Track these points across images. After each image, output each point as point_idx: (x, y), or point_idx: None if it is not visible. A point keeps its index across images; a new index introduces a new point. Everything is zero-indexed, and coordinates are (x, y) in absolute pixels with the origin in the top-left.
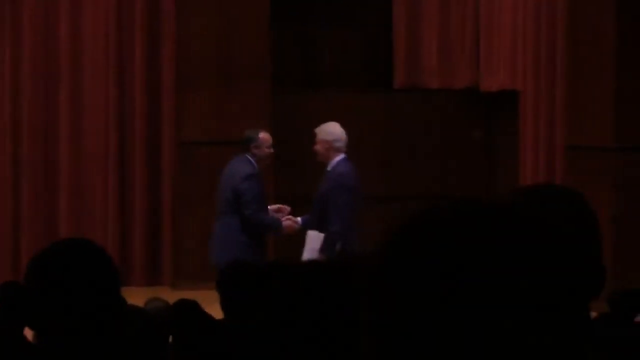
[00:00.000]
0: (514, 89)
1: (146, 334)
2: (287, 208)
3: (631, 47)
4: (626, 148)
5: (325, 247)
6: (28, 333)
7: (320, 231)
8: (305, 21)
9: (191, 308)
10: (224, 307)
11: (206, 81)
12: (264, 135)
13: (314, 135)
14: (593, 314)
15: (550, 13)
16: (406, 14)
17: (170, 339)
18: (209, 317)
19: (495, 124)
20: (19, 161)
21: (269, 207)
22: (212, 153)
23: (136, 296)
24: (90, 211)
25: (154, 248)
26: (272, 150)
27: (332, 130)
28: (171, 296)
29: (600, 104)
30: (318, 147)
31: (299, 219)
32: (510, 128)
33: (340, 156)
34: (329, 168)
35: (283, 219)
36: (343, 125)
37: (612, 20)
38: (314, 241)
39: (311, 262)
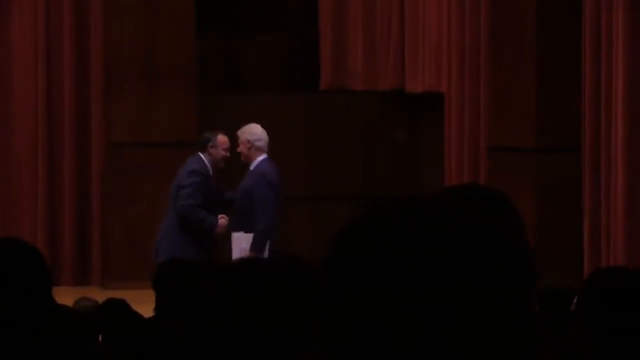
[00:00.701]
0: (439, 90)
1: (75, 333)
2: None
3: (552, 50)
4: (547, 149)
5: (255, 245)
6: None
7: (244, 230)
8: (231, 23)
9: (120, 307)
10: (158, 304)
11: (133, 83)
12: (221, 138)
13: (236, 137)
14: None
15: (474, 16)
16: (332, 15)
17: (100, 338)
18: (138, 316)
19: (419, 126)
20: None
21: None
22: (140, 154)
23: (65, 296)
24: (19, 211)
25: (83, 248)
26: (228, 153)
27: (253, 131)
28: (100, 296)
29: (522, 106)
30: (241, 148)
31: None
32: (435, 130)
33: (262, 156)
34: (251, 167)
35: (219, 217)
36: (267, 126)
37: (533, 23)
38: (240, 242)
39: (246, 261)
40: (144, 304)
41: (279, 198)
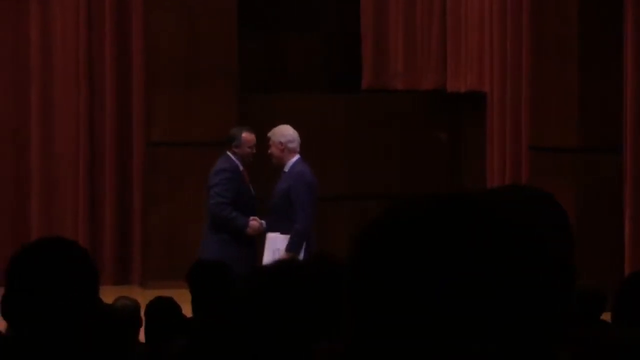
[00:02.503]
0: (481, 90)
1: (116, 332)
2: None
3: (594, 50)
4: (588, 149)
5: (292, 245)
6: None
7: (280, 231)
8: (273, 23)
9: (167, 306)
10: (194, 304)
11: (174, 83)
12: (246, 135)
13: (267, 139)
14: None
15: (516, 15)
16: (373, 15)
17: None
18: (183, 315)
19: (460, 126)
20: None
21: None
22: (180, 153)
23: (105, 295)
24: (61, 211)
25: (123, 247)
26: (253, 150)
27: (285, 132)
28: (140, 295)
29: (564, 106)
30: (273, 150)
31: (263, 221)
32: (476, 129)
33: (296, 157)
34: (285, 169)
35: (250, 218)
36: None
37: (575, 22)
38: (275, 242)
39: (284, 263)
40: (184, 304)
41: (316, 199)
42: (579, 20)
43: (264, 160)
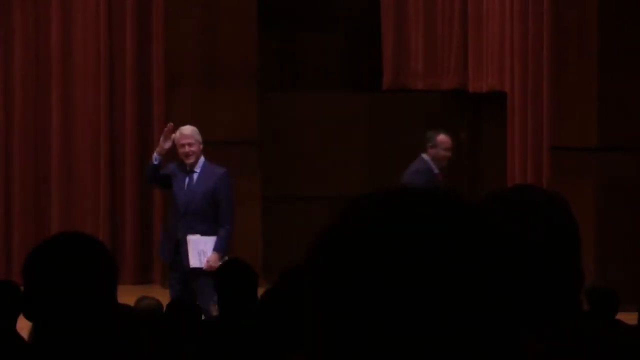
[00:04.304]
0: (502, 90)
1: (137, 332)
2: None
3: (614, 49)
4: (609, 148)
5: (222, 246)
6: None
7: (200, 234)
8: (292, 22)
9: (187, 306)
10: (220, 304)
11: (195, 82)
12: (442, 138)
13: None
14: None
15: (537, 15)
16: (393, 15)
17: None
18: (201, 315)
19: (481, 125)
20: (11, 163)
21: None
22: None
23: (127, 294)
24: (82, 211)
25: (144, 247)
26: (449, 153)
27: (198, 132)
28: (161, 294)
29: (584, 105)
30: (196, 149)
31: None
32: (497, 129)
33: (202, 157)
34: (196, 169)
35: None
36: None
37: (595, 22)
38: (198, 244)
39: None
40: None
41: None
42: (599, 19)
43: (283, 157)
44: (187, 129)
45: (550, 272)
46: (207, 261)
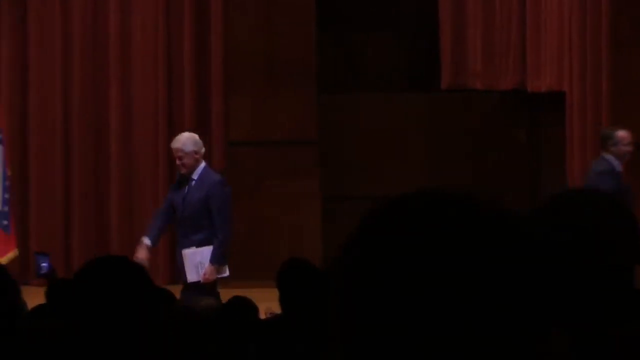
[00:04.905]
0: (561, 90)
1: (197, 332)
2: None
3: None
4: None
5: (218, 257)
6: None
7: (195, 245)
8: (351, 22)
9: (245, 305)
10: (283, 303)
11: (253, 82)
12: (621, 134)
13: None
14: None
15: (595, 13)
16: (451, 14)
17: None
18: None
19: (540, 125)
20: (70, 159)
21: None
22: (260, 153)
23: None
24: (140, 210)
25: None
26: (630, 148)
27: (195, 140)
28: (221, 293)
29: None
30: (187, 161)
31: None
32: (556, 129)
33: (203, 164)
34: (194, 177)
35: None
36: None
37: None
38: (194, 258)
39: None
40: (265, 302)
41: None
42: None
43: (341, 157)
44: (178, 140)
45: (582, 273)
46: (204, 274)
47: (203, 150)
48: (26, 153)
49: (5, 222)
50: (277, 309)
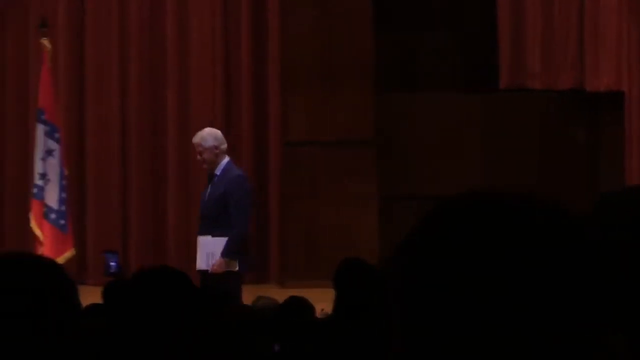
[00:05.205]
0: (619, 89)
1: (255, 332)
2: None
3: None
4: None
5: (229, 251)
6: None
7: (211, 236)
8: (408, 21)
9: (302, 305)
10: (338, 303)
11: (311, 82)
12: None
13: (195, 146)
14: None
15: None
16: (510, 14)
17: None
18: (315, 315)
19: (600, 126)
20: (127, 159)
21: None
22: (317, 153)
23: (244, 294)
24: (197, 212)
25: (261, 246)
26: None
27: (216, 135)
28: (278, 294)
29: None
30: (206, 156)
31: None
32: (615, 129)
33: (226, 159)
34: (217, 172)
35: None
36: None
37: None
38: (207, 246)
39: None
40: (322, 303)
41: (253, 203)
42: None
43: (399, 157)
44: (198, 135)
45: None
46: (213, 265)
47: (224, 146)
48: (83, 153)
49: (62, 222)
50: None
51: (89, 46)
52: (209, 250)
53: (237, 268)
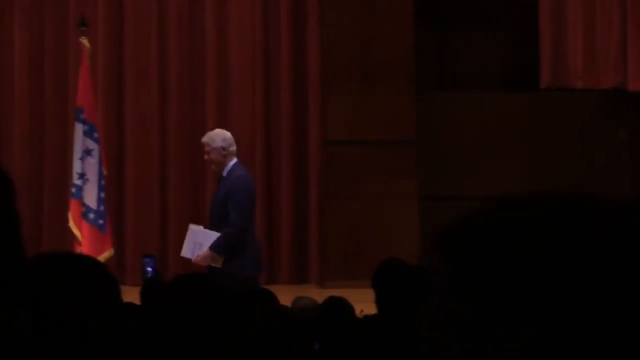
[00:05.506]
0: None
1: (294, 333)
2: None
3: None
4: None
5: (217, 247)
6: None
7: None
8: (450, 20)
9: (341, 306)
10: (379, 303)
11: (350, 81)
12: None
13: (203, 145)
14: None
15: None
16: (551, 13)
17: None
18: (355, 316)
19: None
20: (166, 158)
21: None
22: (357, 152)
23: (283, 294)
24: None
25: (301, 246)
26: None
27: (225, 136)
28: (318, 294)
29: None
30: (213, 156)
31: None
32: None
33: (234, 160)
34: (224, 174)
35: None
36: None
37: None
38: (196, 236)
39: None
40: (361, 303)
41: (254, 205)
42: None
43: (440, 158)
44: (207, 135)
45: None
46: (198, 255)
47: (233, 148)
48: (122, 152)
49: (101, 222)
50: (372, 310)
51: (128, 45)
52: (198, 241)
53: (219, 265)
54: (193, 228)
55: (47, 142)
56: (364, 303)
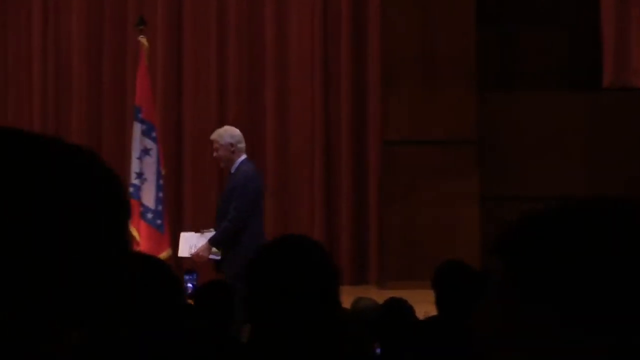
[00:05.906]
0: None
1: (355, 333)
2: None
3: None
4: None
5: (215, 240)
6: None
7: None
8: (510, 20)
9: (402, 307)
10: (439, 304)
11: (410, 81)
12: None
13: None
14: None
15: None
16: (614, 11)
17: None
18: (416, 317)
19: None
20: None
21: None
22: (417, 152)
23: (343, 295)
24: (297, 210)
25: (361, 247)
26: None
27: (233, 133)
28: (377, 295)
29: None
30: (221, 153)
31: None
32: None
33: (242, 157)
34: (232, 170)
35: None
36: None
37: None
38: (190, 239)
39: None
40: (421, 304)
41: (258, 200)
42: None
43: (501, 157)
44: (214, 133)
45: None
46: (197, 249)
47: (242, 144)
48: (180, 152)
49: (159, 222)
50: (433, 311)
51: (187, 44)
52: (192, 243)
53: (218, 257)
54: (185, 235)
55: (105, 141)
56: (423, 304)
